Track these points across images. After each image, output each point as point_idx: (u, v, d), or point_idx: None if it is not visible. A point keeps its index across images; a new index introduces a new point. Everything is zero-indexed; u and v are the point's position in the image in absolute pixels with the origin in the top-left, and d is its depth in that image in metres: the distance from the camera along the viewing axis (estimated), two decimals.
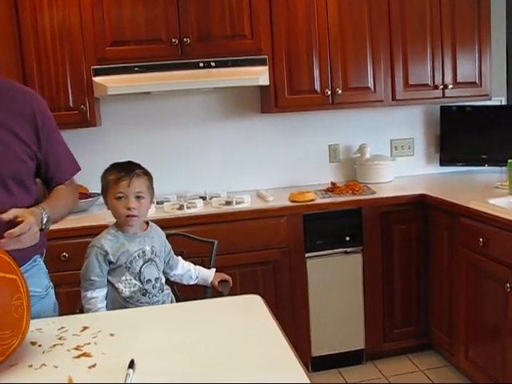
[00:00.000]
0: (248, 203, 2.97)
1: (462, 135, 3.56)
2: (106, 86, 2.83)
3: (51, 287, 1.79)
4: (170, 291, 2.03)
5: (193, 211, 2.88)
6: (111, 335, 1.40)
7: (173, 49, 2.93)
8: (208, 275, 2.13)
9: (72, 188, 1.80)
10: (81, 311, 1.87)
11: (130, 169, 1.86)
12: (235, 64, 2.96)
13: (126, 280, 1.86)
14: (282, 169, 3.51)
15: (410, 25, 3.22)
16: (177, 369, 1.21)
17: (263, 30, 3.03)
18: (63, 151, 1.77)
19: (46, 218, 1.54)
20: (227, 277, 2.15)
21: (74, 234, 2.64)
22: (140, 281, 1.87)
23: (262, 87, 3.22)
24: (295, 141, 3.51)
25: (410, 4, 3.21)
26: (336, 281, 3.03)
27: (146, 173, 1.91)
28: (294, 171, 3.52)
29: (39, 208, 1.54)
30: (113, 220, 1.93)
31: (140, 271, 1.87)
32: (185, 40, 2.93)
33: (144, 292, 1.88)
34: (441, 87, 3.32)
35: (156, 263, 1.92)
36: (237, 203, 2.94)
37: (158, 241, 1.97)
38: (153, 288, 1.90)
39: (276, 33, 3.06)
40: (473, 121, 3.54)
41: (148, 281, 1.89)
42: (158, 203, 3.03)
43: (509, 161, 2.81)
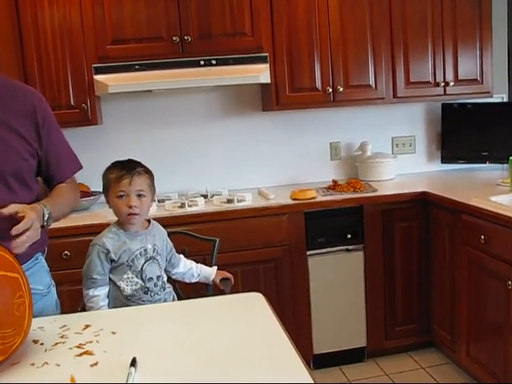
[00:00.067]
0: (249, 201, 2.97)
1: (464, 132, 3.56)
2: (107, 85, 2.83)
3: (53, 285, 1.79)
4: (172, 289, 2.03)
5: (194, 209, 2.89)
6: (113, 333, 1.41)
7: (173, 47, 2.93)
8: (210, 273, 2.12)
9: (73, 186, 1.79)
10: (83, 309, 1.88)
11: (131, 167, 1.86)
12: (236, 62, 2.96)
13: (128, 278, 1.86)
14: (284, 167, 3.50)
15: (412, 21, 3.22)
16: (179, 367, 1.22)
17: (264, 28, 3.03)
18: (64, 149, 1.77)
19: (48, 215, 1.53)
20: (229, 275, 2.14)
21: (76, 233, 2.65)
22: (142, 279, 1.87)
23: (263, 85, 3.22)
24: (296, 138, 3.51)
25: (412, 1, 3.21)
26: (337, 278, 3.03)
27: (148, 171, 1.91)
28: (296, 169, 3.52)
29: (40, 204, 1.54)
30: (114, 218, 1.93)
31: (142, 269, 1.87)
32: (185, 38, 2.93)
33: (146, 290, 1.88)
34: (442, 84, 3.31)
35: (158, 261, 1.92)
36: (238, 201, 2.94)
37: (160, 239, 1.97)
38: (154, 286, 1.90)
39: (277, 30, 3.06)
40: (474, 118, 3.53)
41: (150, 279, 1.89)
42: (160, 201, 3.03)
43: (510, 158, 2.81)
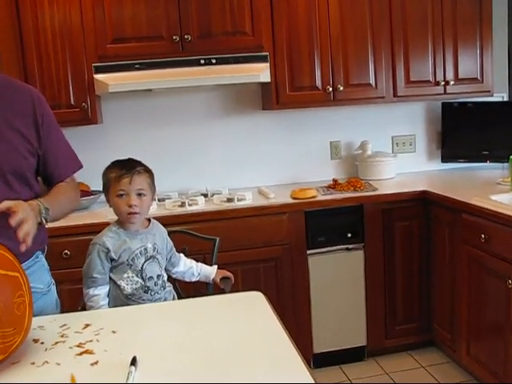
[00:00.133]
0: (249, 200, 2.97)
1: (464, 131, 3.55)
2: (107, 84, 2.83)
3: (53, 284, 1.79)
4: (172, 288, 2.03)
5: (194, 208, 2.89)
6: (113, 332, 1.41)
7: (174, 46, 2.93)
8: (210, 272, 2.13)
9: (73, 186, 1.78)
10: (83, 308, 1.88)
11: (132, 166, 1.86)
12: (236, 61, 2.95)
13: (128, 277, 1.86)
14: (284, 166, 3.50)
15: (412, 20, 3.21)
16: (179, 366, 1.22)
17: (264, 27, 3.03)
18: (63, 148, 1.76)
19: (44, 210, 1.52)
20: (229, 274, 2.15)
21: (76, 232, 2.65)
22: (142, 278, 1.87)
23: (263, 84, 3.22)
24: (296, 138, 3.51)
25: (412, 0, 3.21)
26: (338, 277, 3.03)
27: (148, 170, 1.91)
28: (296, 168, 3.52)
29: (36, 200, 1.53)
30: (114, 217, 1.93)
31: (142, 268, 1.87)
32: (186, 37, 2.92)
33: (146, 289, 1.88)
34: (442, 83, 3.31)
35: (158, 260, 1.93)
36: (238, 200, 2.94)
37: (160, 238, 1.97)
38: (155, 285, 1.90)
39: (277, 29, 3.05)
40: (474, 117, 3.53)
41: (150, 278, 1.89)
42: (160, 200, 3.03)
43: (510, 157, 2.81)
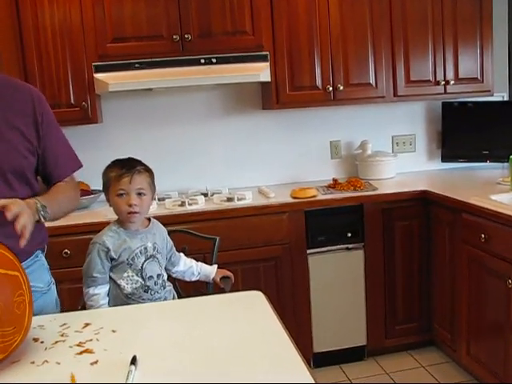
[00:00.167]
0: (249, 200, 2.97)
1: (464, 131, 3.55)
2: (107, 83, 2.83)
3: (53, 283, 1.79)
4: (172, 288, 2.03)
5: (194, 208, 2.89)
6: (113, 332, 1.41)
7: (174, 45, 2.93)
8: (210, 271, 2.13)
9: (72, 185, 1.77)
10: (83, 308, 1.88)
11: (132, 165, 1.86)
12: (236, 60, 2.95)
13: (128, 277, 1.86)
14: (284, 165, 3.50)
15: (412, 20, 3.21)
16: (179, 365, 1.22)
17: (264, 26, 3.03)
18: (63, 148, 1.75)
19: (42, 207, 1.51)
20: (229, 273, 2.15)
21: (76, 231, 2.65)
22: (142, 277, 1.87)
23: (264, 83, 3.22)
24: (297, 137, 3.51)
25: None
26: (338, 277, 3.03)
27: (148, 169, 1.91)
28: (296, 167, 3.52)
29: (33, 199, 1.53)
30: (114, 217, 1.93)
31: (142, 268, 1.87)
32: (186, 36, 2.92)
33: (146, 288, 1.88)
34: (442, 83, 3.31)
35: (158, 260, 1.93)
36: (238, 200, 2.94)
37: (160, 237, 1.97)
38: (155, 284, 1.90)
39: (277, 29, 3.05)
40: (474, 117, 3.53)
41: (150, 277, 1.89)
42: (160, 200, 3.03)
43: (510, 157, 2.81)
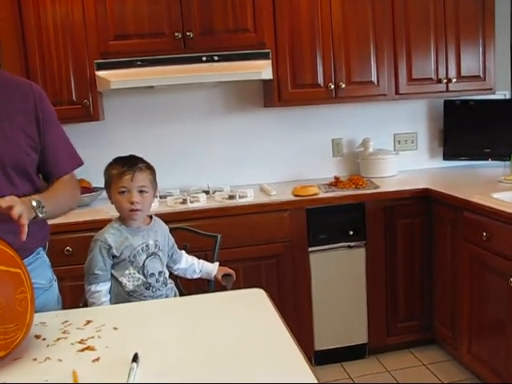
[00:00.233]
0: (251, 197, 2.97)
1: (466, 129, 3.55)
2: (109, 81, 2.83)
3: (55, 280, 1.79)
4: (174, 285, 2.03)
5: (196, 205, 2.89)
6: (115, 329, 1.41)
7: (176, 43, 2.92)
8: (211, 269, 2.13)
9: (72, 183, 1.76)
10: (84, 305, 1.88)
11: (133, 163, 1.86)
12: (238, 58, 2.95)
13: (130, 274, 1.86)
14: (285, 163, 3.50)
15: (414, 18, 3.21)
16: (180, 362, 1.22)
17: (266, 24, 3.02)
18: (63, 145, 1.74)
19: (36, 203, 1.49)
20: (231, 271, 2.15)
21: (78, 228, 2.65)
22: (143, 275, 1.88)
23: (265, 81, 3.21)
24: (298, 135, 3.50)
25: None
26: (339, 275, 3.03)
27: (149, 167, 1.91)
28: (297, 165, 3.52)
29: (27, 197, 1.50)
30: (116, 214, 1.93)
31: (143, 265, 1.87)
32: (188, 34, 2.92)
33: (147, 286, 1.88)
34: (444, 81, 3.30)
35: (159, 257, 1.93)
36: (240, 197, 2.94)
37: (162, 235, 1.97)
38: (156, 282, 1.90)
39: (279, 26, 3.05)
40: (476, 115, 3.52)
41: (151, 275, 1.89)
42: (162, 197, 3.03)
43: None
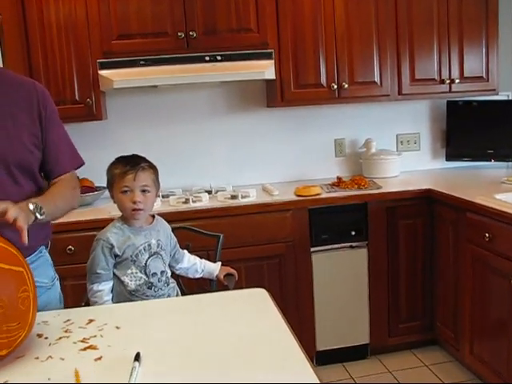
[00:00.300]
0: (253, 197, 2.97)
1: (469, 130, 3.54)
2: (112, 80, 2.83)
3: (57, 278, 1.79)
4: (176, 284, 2.03)
5: (198, 205, 2.89)
6: (117, 328, 1.41)
7: (179, 42, 2.93)
8: (214, 269, 2.13)
9: (71, 184, 1.74)
10: (87, 304, 1.88)
11: (136, 162, 1.86)
12: (241, 58, 2.95)
13: (132, 273, 1.87)
14: (288, 163, 3.50)
15: (417, 18, 3.20)
16: (182, 362, 1.22)
17: (269, 24, 3.02)
18: (64, 145, 1.74)
19: (33, 205, 1.47)
20: (233, 270, 2.15)
21: (80, 228, 2.65)
22: (146, 274, 1.88)
23: (268, 81, 3.21)
24: (301, 135, 3.50)
25: None
26: (341, 275, 3.03)
27: (152, 166, 1.91)
28: (300, 165, 3.51)
29: (24, 201, 1.48)
30: (118, 213, 1.93)
31: (146, 264, 1.88)
32: (191, 33, 2.92)
33: (150, 285, 1.88)
34: (447, 82, 3.30)
35: (162, 256, 1.93)
36: (242, 197, 2.94)
37: (164, 234, 1.97)
38: (158, 281, 1.90)
39: (282, 26, 3.05)
40: (479, 116, 3.52)
41: (154, 274, 1.89)
42: (164, 197, 3.03)
43: None
